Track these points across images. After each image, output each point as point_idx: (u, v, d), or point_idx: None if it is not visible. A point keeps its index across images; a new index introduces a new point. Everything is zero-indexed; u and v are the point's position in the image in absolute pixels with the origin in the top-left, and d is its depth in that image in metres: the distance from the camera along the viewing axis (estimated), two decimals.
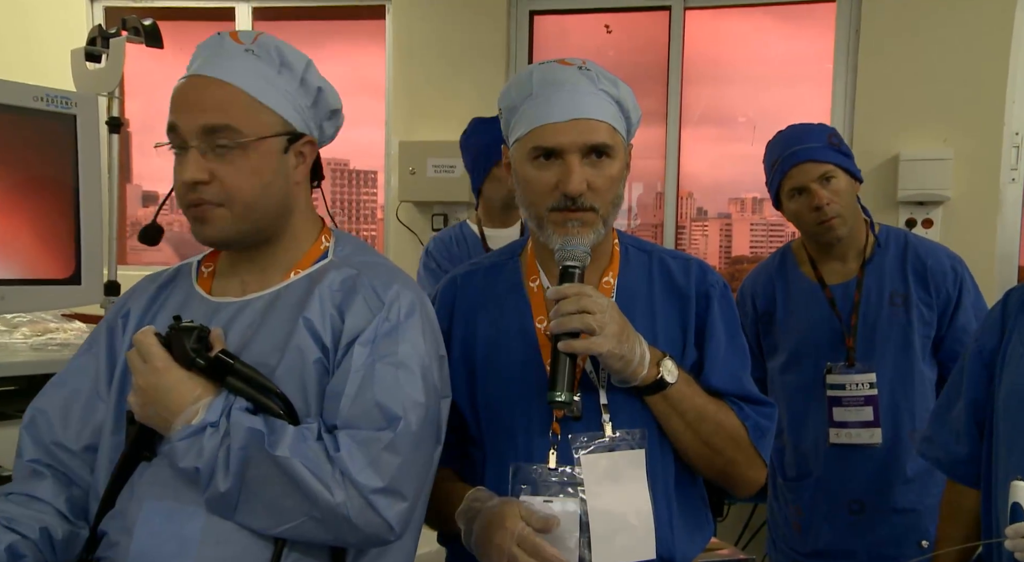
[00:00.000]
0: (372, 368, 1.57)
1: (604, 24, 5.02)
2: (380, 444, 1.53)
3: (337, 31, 5.31)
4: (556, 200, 1.73)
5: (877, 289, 2.88)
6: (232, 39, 1.64)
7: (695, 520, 1.84)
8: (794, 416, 2.96)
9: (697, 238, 5.30)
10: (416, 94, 4.71)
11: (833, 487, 2.88)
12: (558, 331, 1.63)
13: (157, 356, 1.51)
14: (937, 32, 4.22)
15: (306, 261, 1.70)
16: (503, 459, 1.75)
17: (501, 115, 1.85)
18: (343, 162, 5.44)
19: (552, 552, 1.60)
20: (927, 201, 4.22)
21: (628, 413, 1.73)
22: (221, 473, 1.48)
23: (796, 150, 2.81)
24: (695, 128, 4.92)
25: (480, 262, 1.98)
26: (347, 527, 1.51)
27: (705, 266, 1.89)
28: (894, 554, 2.76)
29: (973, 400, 2.23)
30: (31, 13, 5.08)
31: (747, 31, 4.99)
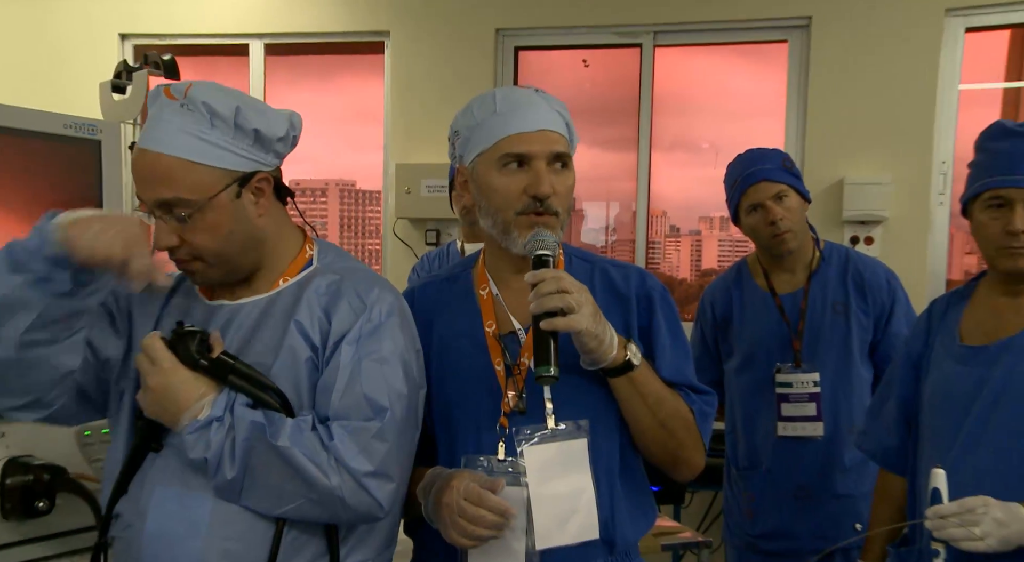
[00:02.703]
0: (359, 364, 1.59)
1: (582, 59, 5.04)
2: (369, 433, 1.55)
3: (342, 64, 5.33)
4: (524, 204, 1.72)
5: (821, 298, 2.89)
6: (167, 96, 1.58)
7: (638, 504, 1.82)
8: (747, 412, 2.98)
9: (671, 253, 5.32)
10: (412, 121, 4.74)
11: (780, 476, 2.89)
12: (539, 311, 1.61)
13: (164, 358, 1.52)
14: (875, 73, 4.26)
15: (293, 269, 1.70)
16: (455, 452, 1.74)
17: (457, 136, 1.82)
18: (351, 183, 5.44)
19: (495, 500, 1.60)
20: (868, 220, 4.24)
21: (573, 406, 1.71)
22: (228, 462, 1.51)
23: (754, 171, 2.84)
24: (666, 153, 4.93)
25: (437, 274, 1.97)
26: (342, 507, 1.54)
27: (644, 273, 1.88)
28: (833, 535, 2.76)
29: (902, 398, 2.25)
30: (67, 50, 5.10)
31: (711, 67, 5.02)
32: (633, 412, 1.74)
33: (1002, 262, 2.04)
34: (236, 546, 1.55)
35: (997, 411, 2.01)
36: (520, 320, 1.78)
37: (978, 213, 2.05)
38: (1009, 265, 2.03)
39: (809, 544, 2.85)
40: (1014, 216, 1.97)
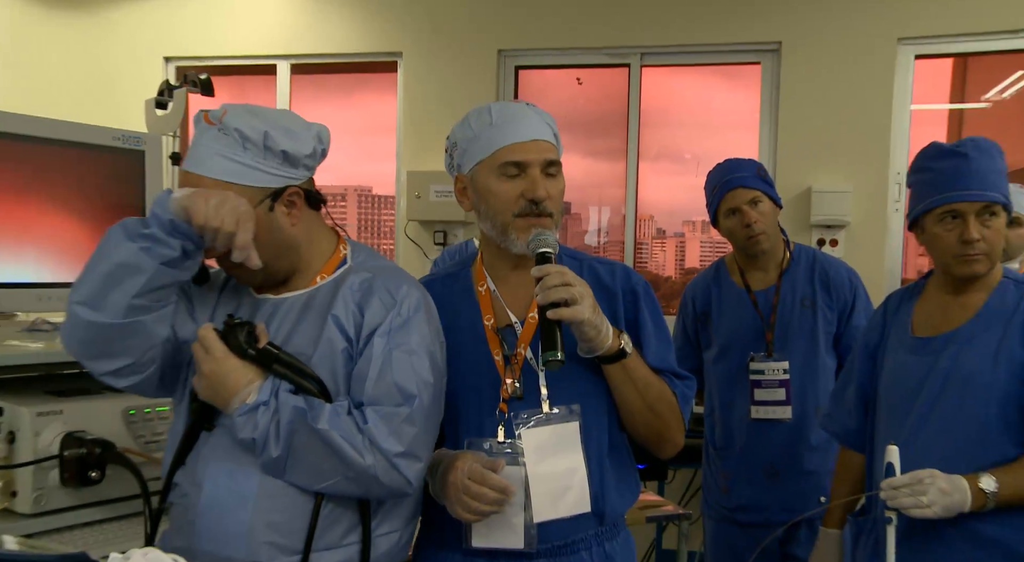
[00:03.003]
0: (390, 355, 1.59)
1: (576, 78, 5.04)
2: (400, 417, 1.56)
3: (360, 82, 5.34)
4: (521, 207, 1.71)
5: (791, 294, 2.90)
6: (206, 121, 1.59)
7: (624, 480, 1.83)
8: (723, 397, 2.98)
9: (657, 253, 5.32)
10: (422, 132, 4.75)
11: (753, 454, 2.90)
12: (545, 302, 1.60)
13: (217, 348, 1.54)
14: (838, 94, 4.28)
15: (328, 267, 1.70)
16: (459, 435, 1.74)
17: (455, 147, 1.81)
18: (367, 189, 5.43)
19: (496, 479, 1.61)
20: (833, 225, 4.25)
21: (566, 392, 1.72)
22: (273, 442, 1.53)
23: (731, 178, 2.85)
24: (653, 163, 4.91)
25: (438, 273, 1.97)
26: (375, 484, 1.56)
27: (628, 269, 1.88)
28: (800, 507, 2.76)
29: (861, 384, 2.27)
30: (118, 71, 5.13)
31: (692, 86, 5.03)
32: (624, 395, 1.74)
33: (958, 269, 2.05)
34: (280, 517, 1.56)
35: (943, 395, 2.03)
36: (516, 314, 1.79)
37: (932, 226, 2.06)
38: (965, 271, 2.04)
39: (779, 516, 2.83)
40: (968, 227, 1.99)
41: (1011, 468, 1.94)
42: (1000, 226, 2.02)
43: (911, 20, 4.23)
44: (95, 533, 2.07)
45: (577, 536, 1.74)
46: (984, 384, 1.99)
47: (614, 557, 1.79)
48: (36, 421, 1.99)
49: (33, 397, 2.09)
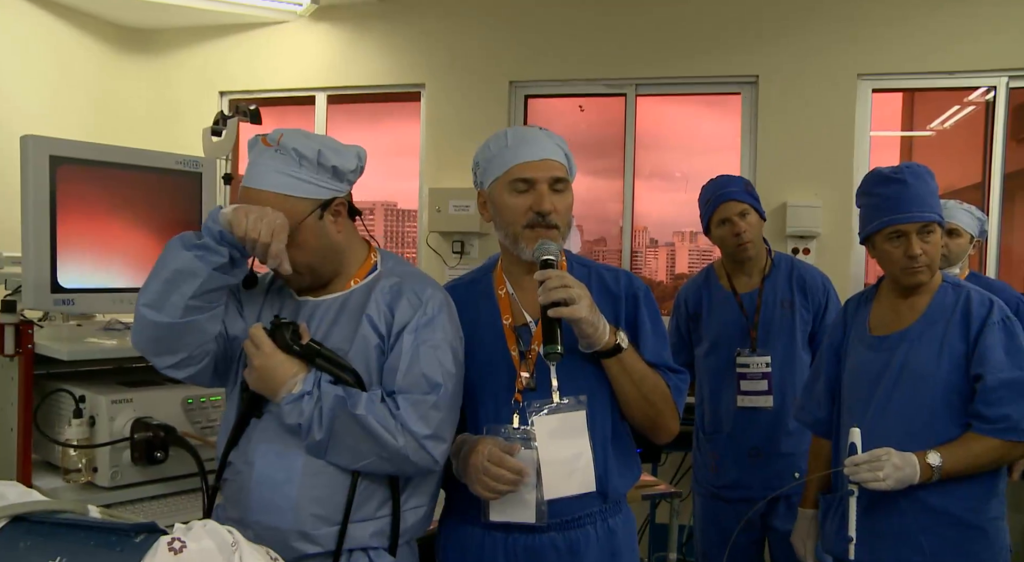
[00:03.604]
0: (418, 350, 1.61)
1: (579, 105, 5.05)
2: (428, 404, 1.58)
3: (387, 110, 5.35)
4: (529, 219, 1.72)
5: (773, 297, 2.92)
6: (263, 144, 1.62)
7: (626, 462, 1.83)
8: (712, 388, 2.99)
9: (650, 260, 5.33)
10: (441, 153, 4.77)
11: (738, 438, 2.91)
12: (546, 302, 1.61)
13: (266, 344, 1.57)
14: (808, 121, 4.28)
15: (361, 273, 1.72)
16: (479, 422, 1.75)
17: (478, 167, 1.82)
18: (393, 204, 5.44)
19: (513, 461, 1.62)
20: (805, 235, 4.25)
21: (574, 384, 1.72)
22: (316, 427, 1.55)
23: (724, 192, 2.87)
24: (647, 181, 4.92)
25: (461, 278, 1.97)
26: (406, 463, 1.58)
27: (631, 275, 1.88)
28: (779, 485, 2.78)
29: (828, 378, 2.29)
30: (181, 105, 5.19)
31: (682, 113, 5.02)
32: (621, 387, 1.74)
33: (906, 279, 2.11)
34: (322, 492, 1.59)
35: (897, 386, 2.07)
36: (531, 314, 1.79)
37: (881, 243, 2.12)
38: (911, 280, 2.10)
39: (761, 493, 2.86)
40: (911, 244, 2.05)
41: (953, 445, 1.99)
42: (936, 240, 2.09)
43: (869, 59, 4.25)
44: (160, 505, 2.11)
45: (583, 512, 1.75)
46: (931, 375, 2.04)
47: (616, 531, 1.79)
48: (111, 408, 2.05)
49: (108, 387, 2.14)
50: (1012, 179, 4.45)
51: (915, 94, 4.96)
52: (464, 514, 1.80)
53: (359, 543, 1.62)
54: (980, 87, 4.28)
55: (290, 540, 1.58)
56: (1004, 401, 1.96)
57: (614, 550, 1.78)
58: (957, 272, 3.25)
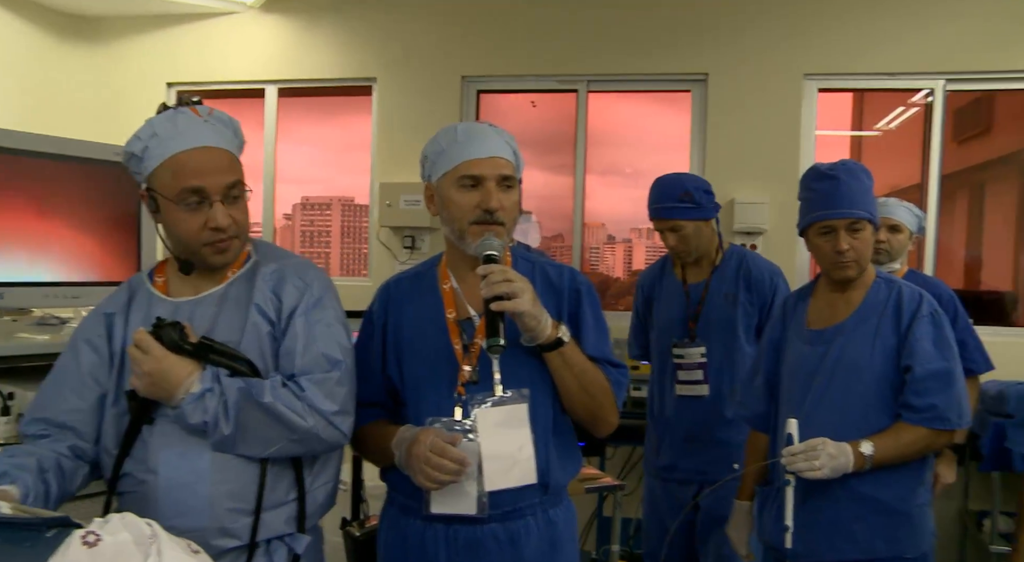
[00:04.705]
0: (312, 330, 1.62)
1: (531, 101, 5.06)
2: (332, 381, 1.60)
3: (344, 104, 5.29)
4: (477, 215, 1.72)
5: (718, 289, 2.96)
6: (194, 113, 1.62)
7: (567, 455, 1.83)
8: (659, 373, 3.06)
9: (607, 256, 5.35)
10: (393, 148, 4.73)
11: (676, 424, 2.97)
12: (489, 295, 1.61)
13: (155, 348, 1.52)
14: (755, 119, 4.35)
15: (237, 263, 1.70)
16: (422, 414, 1.75)
17: (426, 160, 1.82)
18: (350, 199, 5.40)
19: (455, 452, 1.62)
20: (752, 231, 4.31)
21: (515, 377, 1.72)
22: (223, 422, 1.53)
23: (653, 208, 2.93)
24: (604, 177, 4.94)
25: (407, 272, 1.96)
26: (316, 441, 1.60)
27: (575, 271, 1.88)
28: (711, 471, 2.86)
29: (767, 373, 2.33)
30: (127, 96, 5.07)
31: (635, 109, 5.06)
32: (562, 380, 1.75)
33: (835, 273, 2.17)
34: (234, 485, 1.57)
35: (833, 378, 2.12)
36: (475, 308, 1.78)
37: (813, 237, 2.17)
38: (840, 274, 2.16)
39: (694, 476, 2.95)
40: (839, 240, 2.10)
41: (884, 435, 2.05)
42: (867, 237, 2.13)
43: (815, 59, 4.32)
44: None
45: (524, 503, 1.75)
46: (864, 367, 2.09)
47: (556, 522, 1.80)
48: None
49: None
50: (952, 179, 4.57)
51: (864, 94, 5.06)
52: (405, 507, 1.80)
53: (275, 531, 1.62)
54: (922, 89, 4.37)
55: (209, 538, 1.55)
56: (931, 391, 2.02)
57: (554, 541, 1.79)
58: (897, 267, 3.33)
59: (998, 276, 4.98)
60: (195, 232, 1.60)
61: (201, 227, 1.60)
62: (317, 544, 1.76)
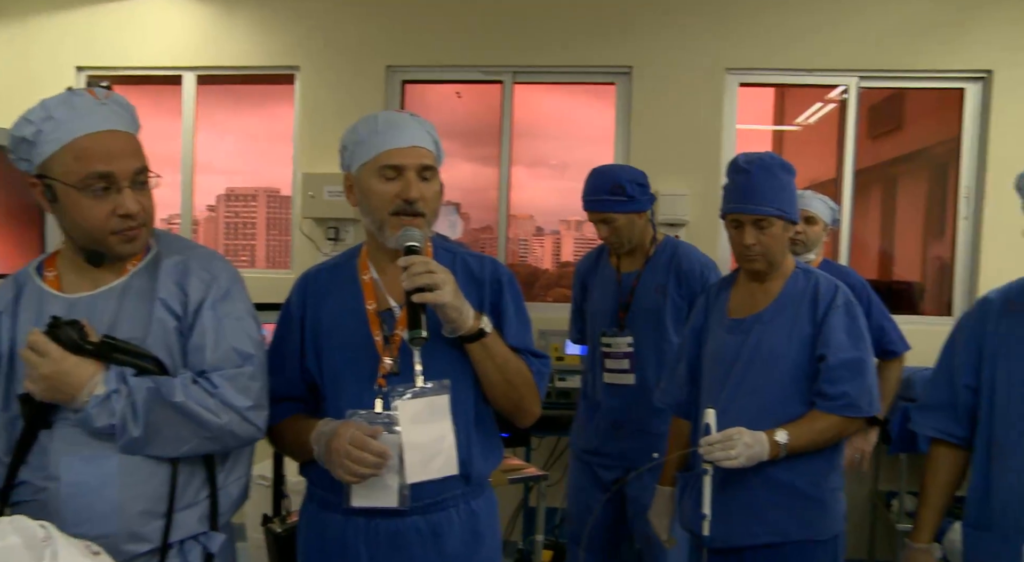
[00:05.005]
0: (221, 324, 1.58)
1: (456, 91, 5.02)
2: (245, 376, 1.57)
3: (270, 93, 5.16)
4: (396, 206, 1.71)
5: (650, 280, 3.00)
6: (92, 95, 1.55)
7: (489, 446, 1.84)
8: (591, 361, 3.10)
9: (536, 248, 5.34)
10: (316, 138, 4.64)
11: (604, 410, 3.02)
12: (410, 287, 1.60)
13: (52, 349, 1.46)
14: (678, 112, 4.40)
15: (138, 256, 1.64)
16: (342, 407, 1.73)
17: (345, 149, 1.79)
18: (276, 190, 5.30)
19: (376, 444, 1.61)
20: (676, 223, 4.36)
21: (437, 369, 1.72)
22: (132, 423, 1.48)
23: (586, 200, 2.97)
24: (532, 169, 4.92)
25: (326, 263, 1.94)
26: (231, 437, 1.57)
27: (496, 262, 1.88)
28: (634, 457, 2.93)
29: (689, 361, 2.37)
30: (35, 80, 4.82)
31: (563, 101, 5.04)
32: (484, 371, 1.75)
33: (744, 265, 2.24)
34: (144, 488, 1.53)
35: (751, 366, 2.16)
36: (396, 300, 1.77)
37: (727, 228, 2.24)
38: (747, 267, 2.23)
39: (618, 462, 3.01)
40: (744, 234, 2.16)
41: (798, 423, 2.10)
42: (776, 233, 2.17)
43: (736, 54, 4.40)
44: None
45: (446, 495, 1.75)
46: (781, 356, 2.14)
47: (479, 513, 1.81)
48: None
49: None
50: (867, 173, 4.72)
51: (786, 90, 5.19)
52: (325, 501, 1.78)
53: (188, 531, 1.58)
54: (837, 86, 4.50)
55: (120, 544, 1.51)
56: (843, 379, 2.08)
57: (476, 532, 1.80)
58: (813, 257, 3.44)
59: (908, 267, 5.18)
60: (102, 220, 1.53)
61: (108, 215, 1.53)
62: (231, 541, 1.72)
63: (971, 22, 4.25)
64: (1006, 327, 1.90)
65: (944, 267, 4.57)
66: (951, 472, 2.03)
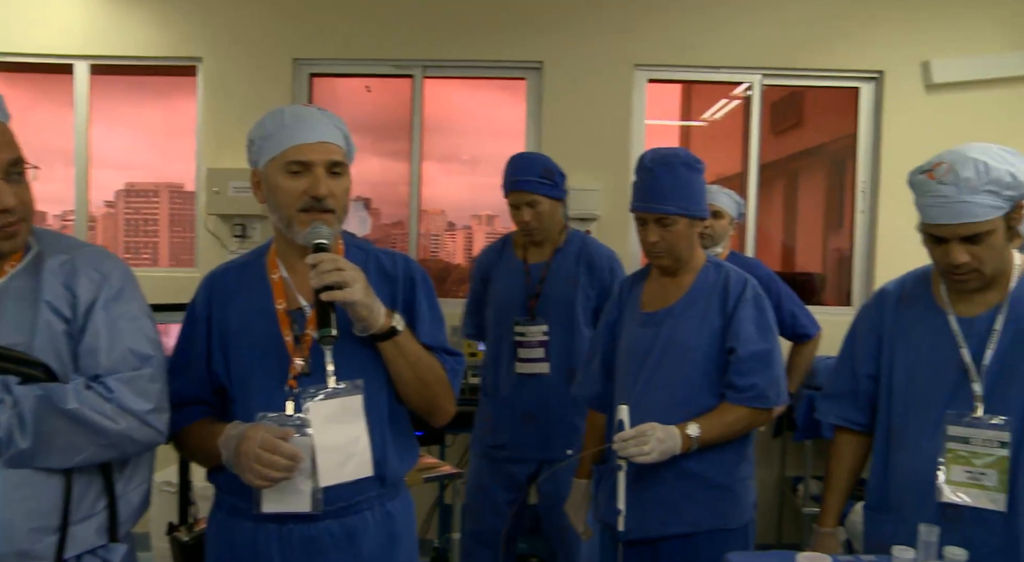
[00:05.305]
0: (115, 325, 1.52)
1: (366, 85, 4.95)
2: (144, 378, 1.51)
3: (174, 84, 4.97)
4: (304, 202, 1.67)
5: (559, 271, 3.04)
6: None
7: (404, 446, 1.83)
8: (495, 353, 3.10)
9: (448, 243, 5.33)
10: (221, 132, 4.51)
11: (514, 402, 3.03)
12: (319, 285, 1.57)
13: None
14: (588, 108, 4.44)
15: (15, 256, 1.55)
16: (251, 410, 1.69)
17: (252, 144, 1.75)
18: (179, 185, 5.13)
19: (287, 447, 1.57)
20: (587, 218, 4.40)
21: (349, 369, 1.70)
22: (19, 435, 1.40)
23: (516, 180, 2.99)
24: (443, 164, 4.90)
25: (233, 262, 1.89)
26: (130, 443, 1.50)
27: (409, 259, 1.87)
28: (548, 448, 2.97)
29: (604, 354, 2.39)
30: None
31: (475, 96, 5.03)
32: (397, 370, 1.73)
33: (651, 261, 2.28)
34: (34, 503, 1.45)
35: (663, 360, 2.20)
36: (306, 298, 1.74)
37: (638, 226, 2.25)
38: (654, 263, 2.27)
39: (531, 454, 3.03)
40: (647, 232, 2.20)
41: (709, 415, 2.15)
42: (680, 230, 2.20)
43: (645, 50, 4.47)
44: None
45: (361, 497, 1.73)
46: (693, 349, 2.18)
47: (394, 515, 1.79)
48: None
49: None
50: (770, 168, 4.87)
51: (692, 86, 5.29)
52: (234, 508, 1.73)
53: (86, 545, 1.52)
54: (742, 83, 4.62)
55: None
56: (752, 371, 2.14)
57: (392, 534, 1.78)
58: (720, 250, 3.53)
59: (810, 259, 5.38)
60: None
61: None
62: (133, 552, 1.66)
63: (865, 24, 4.43)
64: (902, 318, 1.99)
65: (843, 259, 4.75)
66: (854, 458, 2.11)
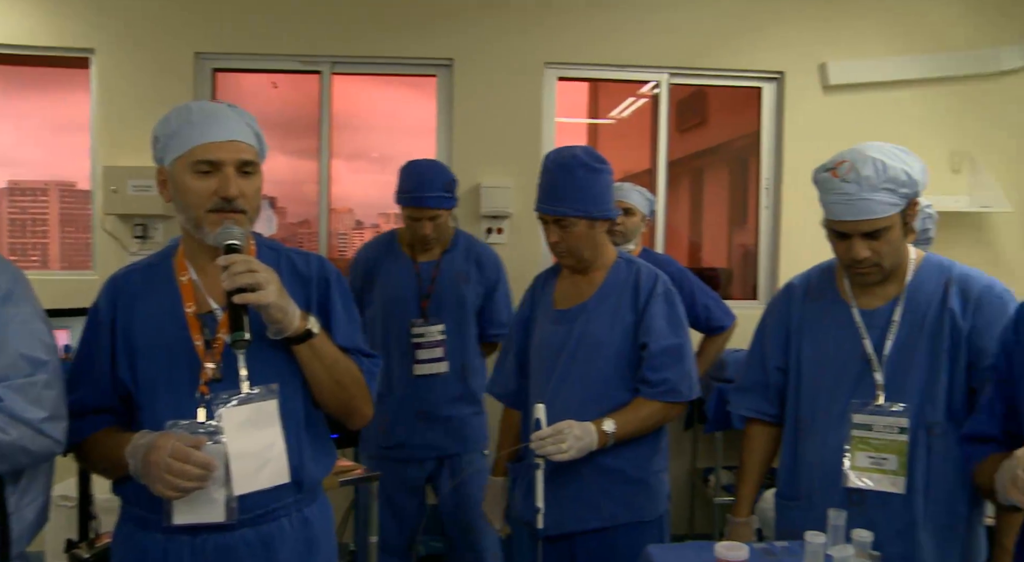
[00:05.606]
0: (6, 330, 1.45)
1: (272, 82, 4.85)
2: (38, 385, 1.44)
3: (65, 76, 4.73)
4: (214, 203, 1.63)
5: (450, 269, 3.07)
6: None
7: (321, 450, 1.80)
8: (385, 353, 3.06)
9: (356, 242, 5.25)
10: (117, 129, 4.32)
11: (411, 402, 3.05)
12: (231, 287, 1.53)
13: None
14: (500, 105, 4.45)
15: None
16: (160, 418, 1.63)
17: (157, 141, 1.69)
18: (71, 184, 4.91)
19: (199, 456, 1.52)
20: (498, 215, 4.42)
21: (264, 373, 1.66)
22: None
23: (416, 196, 2.98)
24: (351, 162, 4.83)
25: (138, 264, 1.82)
26: (24, 454, 1.43)
27: (323, 259, 1.84)
28: (445, 445, 3.02)
29: (517, 352, 2.41)
30: None
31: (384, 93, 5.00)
32: (313, 373, 1.70)
33: (557, 260, 2.31)
34: None
35: (576, 356, 2.23)
36: (217, 301, 1.70)
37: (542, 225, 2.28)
38: (560, 262, 2.31)
39: (429, 453, 3.07)
40: (549, 232, 2.24)
41: (624, 411, 2.19)
42: (579, 231, 2.22)
43: (554, 48, 4.50)
44: None
45: (277, 504, 1.69)
46: (605, 345, 2.22)
47: (312, 521, 1.76)
48: None
49: None
50: (677, 165, 4.98)
51: (599, 85, 5.37)
52: (143, 520, 1.67)
53: None
54: (649, 81, 4.71)
55: None
56: (665, 366, 2.19)
57: (310, 540, 1.75)
58: (632, 247, 3.59)
59: (716, 254, 5.53)
60: None
61: None
62: None
63: (767, 27, 4.58)
64: (809, 311, 2.07)
65: (748, 254, 4.91)
66: (766, 448, 2.18)
